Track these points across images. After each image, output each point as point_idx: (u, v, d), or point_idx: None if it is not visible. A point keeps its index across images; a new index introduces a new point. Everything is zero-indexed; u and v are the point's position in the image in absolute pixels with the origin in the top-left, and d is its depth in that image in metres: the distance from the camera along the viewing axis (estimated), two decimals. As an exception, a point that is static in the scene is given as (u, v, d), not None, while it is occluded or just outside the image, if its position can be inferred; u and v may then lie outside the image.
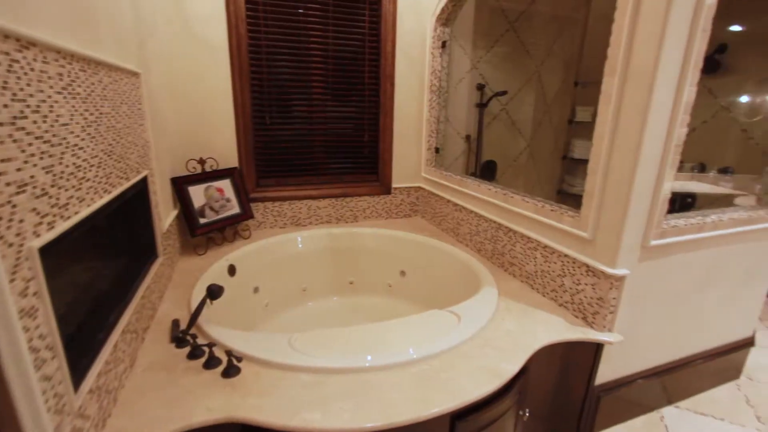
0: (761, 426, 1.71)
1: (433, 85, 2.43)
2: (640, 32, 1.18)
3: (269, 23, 2.13)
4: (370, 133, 2.51)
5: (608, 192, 1.33)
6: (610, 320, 1.41)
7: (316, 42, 2.25)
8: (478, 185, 2.04)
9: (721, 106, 2.21)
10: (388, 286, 2.39)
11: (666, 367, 1.71)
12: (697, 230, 1.47)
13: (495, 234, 1.92)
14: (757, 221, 1.63)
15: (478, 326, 1.37)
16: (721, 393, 1.90)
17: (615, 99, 1.25)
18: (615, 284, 1.35)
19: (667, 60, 1.16)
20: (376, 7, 2.30)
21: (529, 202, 1.68)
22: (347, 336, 1.33)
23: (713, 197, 2.20)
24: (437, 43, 2.35)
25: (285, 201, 2.38)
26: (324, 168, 2.49)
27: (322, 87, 2.33)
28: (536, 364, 1.36)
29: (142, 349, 1.23)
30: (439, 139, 2.54)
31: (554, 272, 1.57)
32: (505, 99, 2.67)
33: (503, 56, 2.63)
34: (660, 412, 1.77)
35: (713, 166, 2.28)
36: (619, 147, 1.28)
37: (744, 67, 2.18)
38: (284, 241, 2.24)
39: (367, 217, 2.62)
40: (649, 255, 1.40)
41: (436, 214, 2.51)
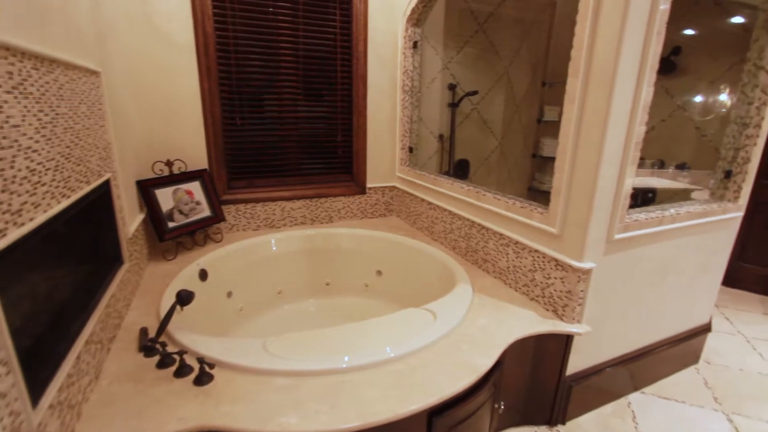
0: (718, 406, 1.82)
1: (405, 85, 2.44)
2: (600, 35, 1.23)
3: (237, 21, 2.09)
4: (344, 134, 2.50)
5: (574, 189, 1.38)
6: (579, 312, 1.46)
7: (287, 41, 2.22)
8: (451, 184, 2.07)
9: (677, 105, 2.34)
10: (364, 286, 2.39)
11: (632, 355, 1.79)
12: (657, 223, 1.55)
13: (468, 231, 1.95)
14: (710, 214, 1.73)
15: (454, 323, 1.39)
16: (682, 377, 2.01)
17: (579, 99, 1.30)
18: (582, 277, 1.40)
19: (626, 61, 1.21)
20: (346, 7, 2.29)
21: (501, 199, 1.72)
22: (324, 337, 1.32)
23: (672, 192, 2.32)
24: (409, 44, 2.37)
25: (258, 203, 2.33)
26: (297, 169, 2.46)
27: (293, 87, 2.30)
28: (510, 357, 1.39)
29: (108, 360, 1.18)
30: (412, 138, 2.56)
31: (526, 267, 1.62)
32: (476, 99, 2.72)
33: (473, 57, 2.68)
34: (627, 398, 1.85)
35: (671, 162, 2.41)
36: (583, 145, 1.33)
37: (697, 68, 2.31)
38: (258, 244, 2.20)
39: (342, 218, 2.61)
40: (613, 248, 1.46)
41: (411, 213, 2.53)
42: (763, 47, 1.66)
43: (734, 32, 2.11)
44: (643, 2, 1.18)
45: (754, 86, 1.69)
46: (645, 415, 1.74)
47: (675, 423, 1.71)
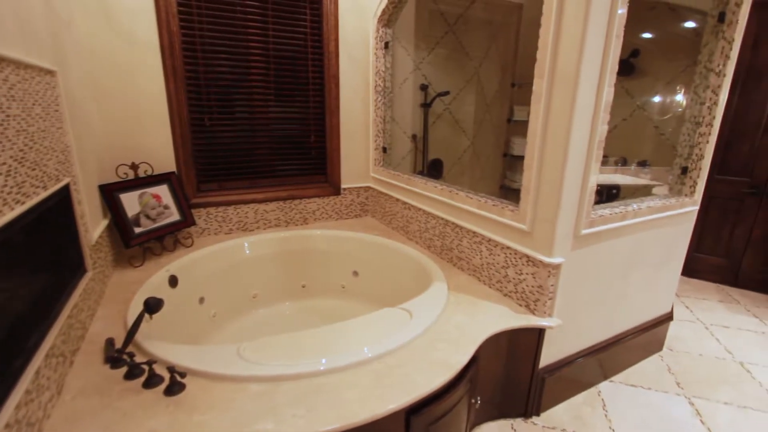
0: (680, 391, 1.92)
1: (378, 85, 2.45)
2: (563, 38, 1.27)
3: (204, 20, 2.03)
4: (317, 134, 2.48)
5: (543, 186, 1.42)
6: (550, 306, 1.50)
7: (256, 41, 2.18)
8: (425, 183, 2.09)
9: (637, 105, 2.45)
10: (341, 287, 2.38)
11: (600, 346, 1.86)
12: (621, 218, 1.62)
13: (443, 230, 1.98)
14: (669, 208, 1.82)
15: (430, 321, 1.40)
16: (647, 365, 2.11)
17: (545, 99, 1.34)
18: (552, 272, 1.44)
19: (588, 63, 1.26)
20: (317, 7, 2.28)
21: (473, 198, 1.75)
22: (300, 341, 1.31)
23: (635, 188, 2.43)
24: (380, 44, 2.38)
25: (230, 206, 2.28)
26: (270, 170, 2.42)
27: (264, 87, 2.26)
28: (485, 353, 1.42)
29: (71, 374, 1.12)
30: (386, 138, 2.57)
31: (498, 264, 1.65)
32: (447, 99, 2.76)
33: (444, 57, 2.72)
34: (597, 387, 1.92)
35: (633, 159, 2.52)
36: (550, 144, 1.37)
37: (654, 70, 2.43)
38: (230, 248, 2.15)
39: (317, 219, 2.58)
40: (580, 243, 1.52)
41: (386, 213, 2.54)
42: (712, 51, 1.76)
43: (687, 36, 2.24)
44: (602, 7, 1.23)
45: (705, 87, 1.80)
46: (614, 403, 1.82)
47: (642, 409, 1.79)
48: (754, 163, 2.87)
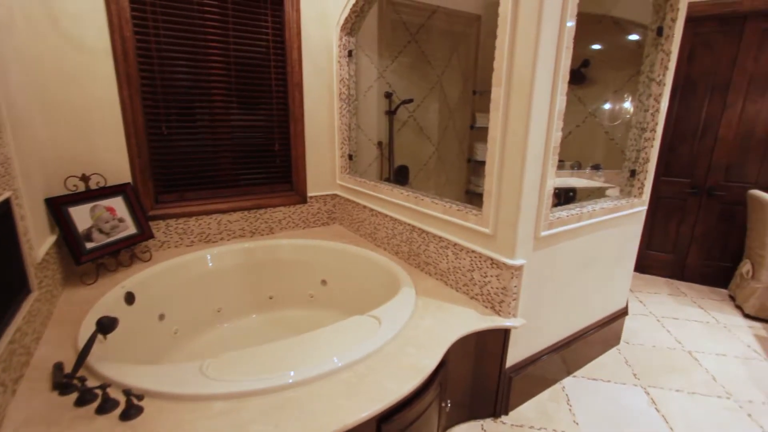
0: (637, 381, 2.02)
1: (342, 93, 2.45)
2: (518, 48, 1.33)
3: (160, 26, 1.97)
4: (281, 142, 2.45)
5: (504, 191, 1.47)
6: (514, 307, 1.55)
7: (216, 47, 2.13)
8: (391, 190, 2.11)
9: (589, 112, 2.59)
10: (309, 296, 2.34)
11: (563, 342, 1.94)
12: (577, 220, 1.70)
13: (410, 236, 2.00)
14: (621, 209, 1.93)
15: (398, 327, 1.41)
16: (606, 358, 2.21)
17: (503, 107, 1.39)
18: (515, 273, 1.49)
19: (542, 72, 1.32)
20: (278, 14, 2.26)
21: (438, 203, 1.78)
22: (267, 354, 1.27)
23: (590, 190, 2.56)
24: (344, 52, 2.39)
25: (191, 217, 2.20)
26: (234, 179, 2.36)
27: (225, 94, 2.21)
28: (454, 355, 1.44)
29: (14, 403, 1.04)
30: (352, 146, 2.57)
31: (464, 268, 1.69)
32: (412, 106, 2.80)
33: (408, 66, 2.76)
34: (562, 383, 1.99)
35: (587, 163, 2.66)
36: (509, 149, 1.42)
37: (603, 79, 2.59)
38: (192, 261, 2.07)
39: (283, 228, 2.54)
40: (541, 245, 1.58)
41: (353, 220, 2.53)
42: (653, 61, 1.89)
43: (631, 48, 2.39)
44: (552, 19, 1.30)
45: (648, 95, 1.93)
46: (577, 397, 1.89)
47: (603, 401, 1.87)
48: (693, 165, 3.10)
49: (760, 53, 2.77)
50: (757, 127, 2.87)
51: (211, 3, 2.07)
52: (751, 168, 2.93)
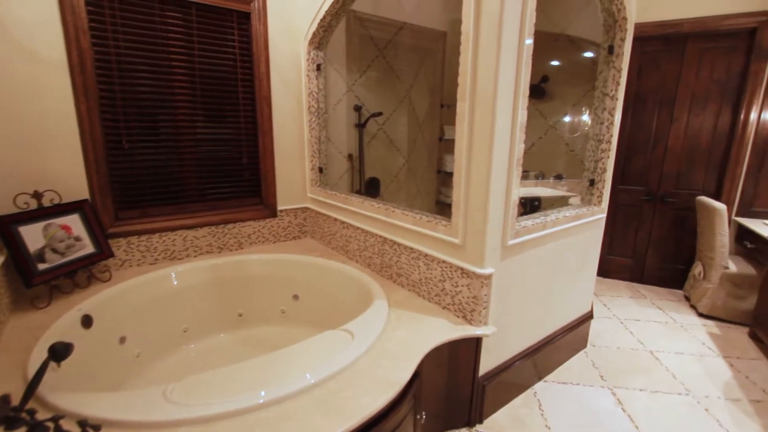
0: (604, 383, 2.09)
1: (311, 106, 2.45)
2: (480, 65, 1.38)
3: (120, 37, 1.91)
4: (250, 155, 2.41)
5: (471, 201, 1.51)
6: (485, 315, 1.58)
7: (181, 59, 2.09)
8: (362, 202, 2.11)
9: (550, 125, 2.72)
10: (281, 312, 2.29)
11: (533, 348, 1.98)
12: (542, 228, 1.76)
13: (381, 248, 2.00)
14: (582, 216, 2.02)
15: (371, 340, 1.40)
16: (574, 362, 2.28)
17: (468, 120, 1.44)
18: (485, 282, 1.52)
19: (503, 87, 1.38)
20: (245, 27, 2.25)
21: (409, 215, 1.80)
22: (236, 374, 1.23)
23: (554, 199, 2.66)
24: (312, 66, 2.40)
25: (154, 233, 2.12)
26: (200, 194, 2.29)
27: (190, 107, 2.16)
28: (427, 367, 1.44)
29: (-49, 444, 0.95)
30: (322, 158, 2.57)
31: (436, 278, 1.71)
32: (381, 119, 2.84)
33: (376, 80, 2.81)
34: (533, 388, 2.04)
35: (550, 173, 2.78)
36: (475, 161, 1.47)
37: (562, 93, 2.72)
38: (155, 279, 1.98)
39: (253, 243, 2.49)
40: (508, 253, 1.62)
41: (325, 233, 2.51)
42: (606, 77, 2.02)
43: (586, 64, 2.54)
44: (512, 38, 1.36)
45: (603, 109, 2.05)
46: (548, 402, 1.93)
47: (573, 404, 1.92)
48: (647, 174, 3.30)
49: (700, 71, 3.01)
50: (700, 139, 3.10)
51: (175, 15, 2.03)
52: (697, 176, 3.15)
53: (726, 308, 2.76)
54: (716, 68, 2.96)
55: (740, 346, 2.48)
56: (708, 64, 2.98)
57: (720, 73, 2.96)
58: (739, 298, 2.72)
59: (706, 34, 2.93)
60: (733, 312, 2.75)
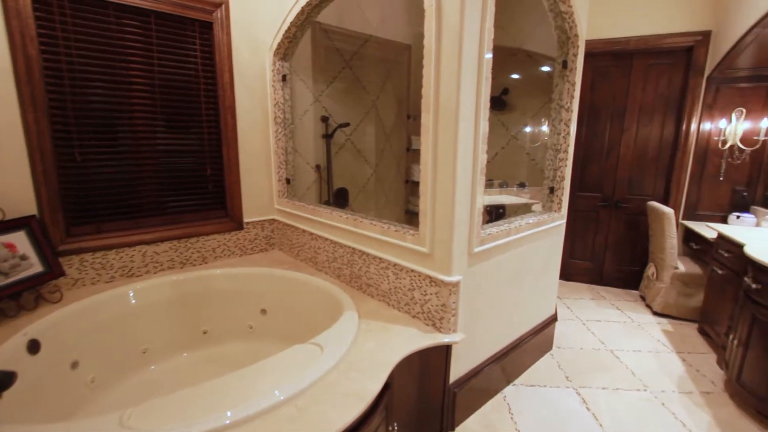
0: (569, 383, 2.16)
1: (277, 117, 2.43)
2: (443, 78, 1.43)
3: (72, 45, 1.82)
4: (214, 166, 2.35)
5: (437, 211, 1.53)
6: (454, 322, 1.60)
7: (139, 68, 2.02)
8: (330, 213, 2.10)
9: (511, 135, 2.82)
10: (248, 328, 2.23)
11: (502, 352, 2.02)
12: (506, 235, 1.82)
13: (351, 258, 1.99)
14: (544, 223, 2.10)
15: (341, 352, 1.38)
16: (541, 364, 2.34)
17: (432, 131, 1.47)
18: (453, 290, 1.55)
19: (465, 100, 1.42)
20: (207, 37, 2.20)
21: (377, 225, 1.81)
22: (200, 395, 1.18)
23: (518, 206, 2.76)
24: (277, 77, 2.38)
25: (110, 250, 2.01)
26: (161, 207, 2.20)
27: (150, 117, 2.09)
28: (398, 377, 1.44)
29: None
30: (289, 169, 2.54)
31: (405, 287, 1.72)
32: (348, 130, 2.85)
33: (343, 91, 2.82)
34: (503, 392, 2.07)
35: (513, 182, 2.87)
36: (440, 171, 1.50)
37: (522, 105, 2.84)
38: (111, 298, 1.87)
39: (218, 257, 2.41)
40: (475, 261, 1.66)
41: (293, 245, 2.47)
42: (561, 90, 2.13)
43: (544, 78, 2.66)
44: (472, 52, 1.42)
45: (559, 120, 2.15)
46: (518, 405, 1.97)
47: (540, 406, 1.97)
48: (602, 181, 3.48)
49: (646, 85, 3.23)
50: (648, 148, 3.31)
51: (132, 23, 1.97)
52: (647, 183, 3.36)
53: (677, 306, 2.94)
54: (660, 83, 3.19)
55: (691, 342, 2.64)
56: (653, 79, 3.21)
57: (663, 87, 3.19)
58: (688, 296, 2.91)
59: (649, 52, 3.16)
60: (684, 309, 2.93)
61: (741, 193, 3.03)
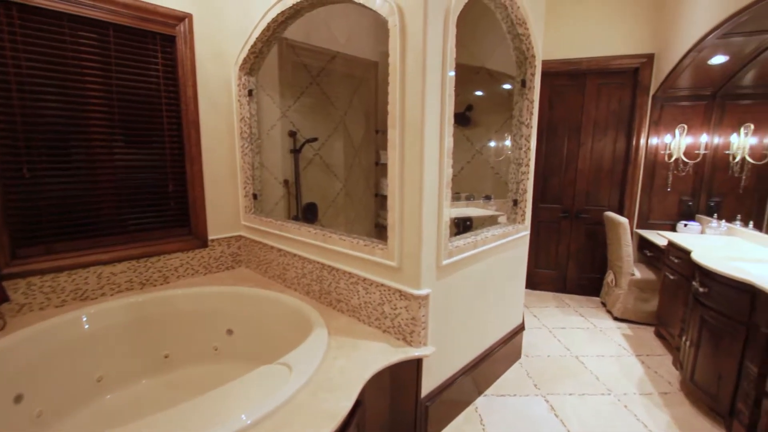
0: (538, 391, 2.21)
1: (243, 131, 2.40)
2: (408, 95, 1.46)
3: (21, 56, 1.74)
4: (176, 183, 2.28)
5: (405, 224, 1.55)
6: (424, 336, 1.61)
7: (96, 82, 1.94)
8: (298, 228, 2.08)
9: (476, 150, 2.91)
10: (213, 350, 2.14)
11: (472, 364, 2.04)
12: (473, 247, 1.86)
13: (320, 274, 1.97)
14: (509, 234, 2.17)
15: (310, 371, 1.35)
16: (510, 373, 2.38)
17: (399, 146, 1.50)
18: (422, 303, 1.56)
19: (430, 116, 1.46)
20: (169, 51, 2.16)
21: (346, 239, 1.80)
22: (161, 423, 1.12)
23: (485, 218, 2.83)
24: (243, 91, 2.36)
25: (62, 272, 1.89)
26: (119, 225, 2.10)
27: (107, 132, 2.00)
28: (369, 394, 1.43)
29: None
30: (256, 185, 2.50)
31: (375, 302, 1.71)
32: (317, 145, 2.85)
33: (311, 106, 2.83)
34: (474, 404, 2.09)
35: (480, 195, 2.96)
36: (408, 185, 1.52)
37: (486, 121, 2.95)
38: (61, 324, 1.75)
39: (181, 276, 2.31)
40: (443, 273, 1.68)
41: (261, 262, 2.42)
42: (521, 108, 2.23)
43: (505, 95, 2.78)
44: (435, 70, 1.46)
45: (520, 136, 2.25)
46: (489, 415, 1.99)
47: (511, 415, 1.99)
48: (562, 192, 3.65)
49: (599, 102, 3.44)
50: (603, 161, 3.51)
51: (89, 36, 1.90)
52: (603, 194, 3.55)
53: (635, 311, 3.09)
54: (611, 101, 3.41)
55: (648, 345, 2.77)
56: (605, 97, 3.42)
57: (614, 104, 3.41)
58: (644, 301, 3.06)
59: (601, 72, 3.37)
60: (641, 314, 3.08)
61: (687, 202, 3.26)
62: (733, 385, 1.79)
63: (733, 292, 1.81)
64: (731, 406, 1.80)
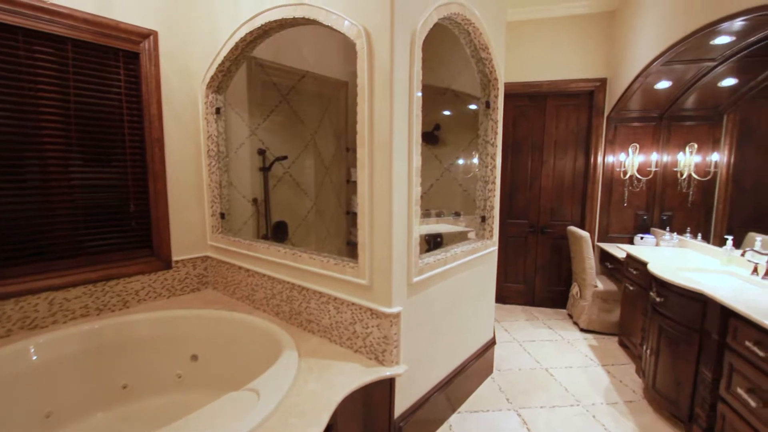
0: (510, 406, 2.23)
1: (210, 150, 2.35)
2: (376, 114, 1.49)
3: (-32, 71, 1.64)
4: (138, 202, 2.19)
5: (376, 242, 1.56)
6: (396, 354, 1.60)
7: (51, 98, 1.86)
8: (267, 248, 2.04)
9: (445, 168, 2.98)
10: (177, 377, 2.03)
11: (445, 381, 2.04)
12: (443, 263, 1.88)
13: (290, 294, 1.93)
14: (478, 250, 2.21)
15: (279, 397, 1.31)
16: (483, 389, 2.39)
17: (368, 165, 1.51)
18: (394, 321, 1.55)
19: (398, 135, 1.49)
20: (133, 67, 2.11)
21: (316, 258, 1.78)
22: (113, 462, 1.04)
23: (454, 234, 2.87)
24: (211, 109, 2.32)
25: (7, 299, 1.75)
26: (75, 247, 1.98)
27: (63, 149, 1.91)
28: (342, 417, 1.39)
29: None
30: (224, 204, 2.44)
31: (346, 321, 1.69)
32: (286, 163, 2.83)
33: (280, 124, 2.81)
34: (448, 422, 2.07)
35: (449, 212, 3.01)
36: (377, 203, 1.53)
37: (453, 140, 3.03)
38: (4, 357, 1.62)
39: (142, 300, 2.20)
40: (414, 290, 1.69)
41: (228, 283, 2.34)
42: (486, 128, 2.31)
43: (471, 115, 2.88)
44: (402, 91, 1.50)
45: (486, 154, 2.33)
46: (462, 433, 1.98)
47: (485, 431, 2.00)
48: (528, 208, 3.78)
49: (559, 123, 3.63)
50: (564, 178, 3.68)
51: (45, 50, 1.83)
52: (566, 209, 3.70)
53: (600, 321, 3.20)
54: (570, 121, 3.60)
55: (613, 354, 2.87)
56: (564, 118, 3.61)
57: (573, 125, 3.60)
58: (608, 311, 3.18)
59: (559, 94, 3.57)
60: (606, 324, 3.19)
61: (642, 216, 3.45)
62: (691, 390, 1.87)
63: (686, 302, 1.92)
64: (690, 411, 1.88)
